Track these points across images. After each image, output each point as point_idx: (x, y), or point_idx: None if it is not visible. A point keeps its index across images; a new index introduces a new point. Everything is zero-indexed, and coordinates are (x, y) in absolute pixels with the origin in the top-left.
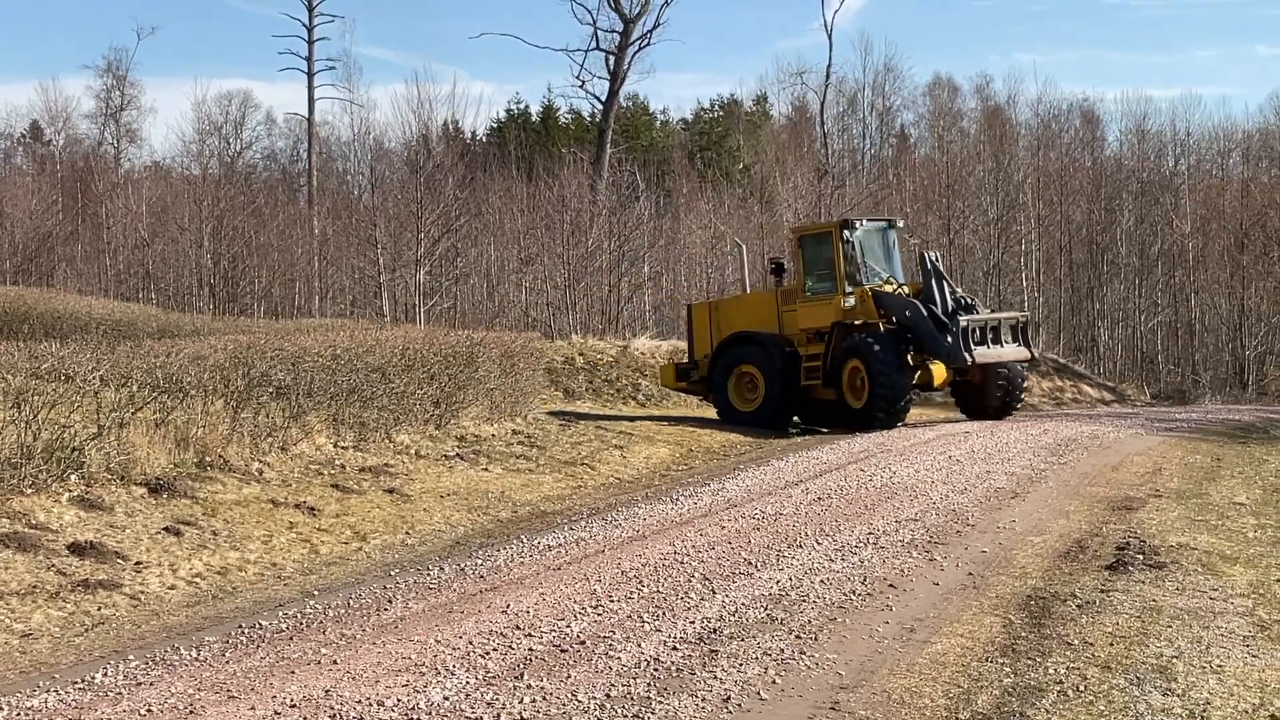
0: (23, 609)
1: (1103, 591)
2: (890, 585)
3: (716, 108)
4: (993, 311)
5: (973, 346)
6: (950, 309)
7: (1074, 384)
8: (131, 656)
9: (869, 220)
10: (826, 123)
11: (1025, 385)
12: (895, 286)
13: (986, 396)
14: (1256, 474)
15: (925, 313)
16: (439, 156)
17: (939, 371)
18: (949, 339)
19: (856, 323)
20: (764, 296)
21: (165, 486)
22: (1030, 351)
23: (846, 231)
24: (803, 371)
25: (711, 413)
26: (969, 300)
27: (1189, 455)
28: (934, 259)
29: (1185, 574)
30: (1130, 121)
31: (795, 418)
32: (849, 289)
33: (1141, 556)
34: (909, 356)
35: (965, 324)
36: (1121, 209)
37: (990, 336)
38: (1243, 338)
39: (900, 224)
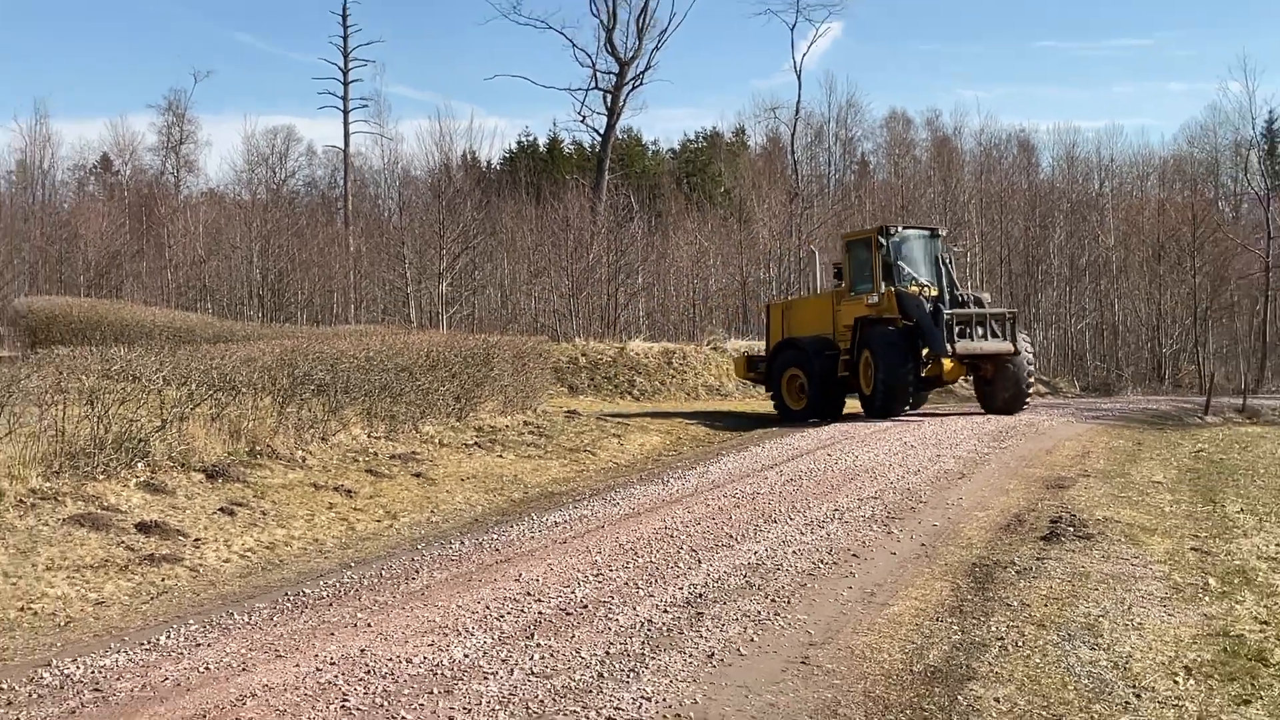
0: (96, 580)
1: (1038, 559)
2: (853, 555)
3: (700, 139)
4: (982, 308)
5: (955, 339)
6: (950, 306)
7: None
8: (191, 621)
9: (906, 227)
10: (796, 152)
11: (1031, 381)
12: (921, 288)
13: (997, 391)
14: (1172, 456)
15: (927, 310)
16: (458, 183)
17: (949, 366)
18: (939, 332)
19: (873, 318)
20: (824, 298)
21: (220, 472)
22: (1013, 345)
23: (881, 237)
24: (840, 364)
25: (697, 405)
26: (975, 298)
27: (1113, 440)
28: (947, 261)
29: (1110, 544)
30: (1061, 149)
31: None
32: (880, 289)
33: (1072, 529)
34: (922, 352)
35: (947, 318)
36: (1054, 225)
37: (976, 331)
38: (1160, 337)
39: (943, 233)
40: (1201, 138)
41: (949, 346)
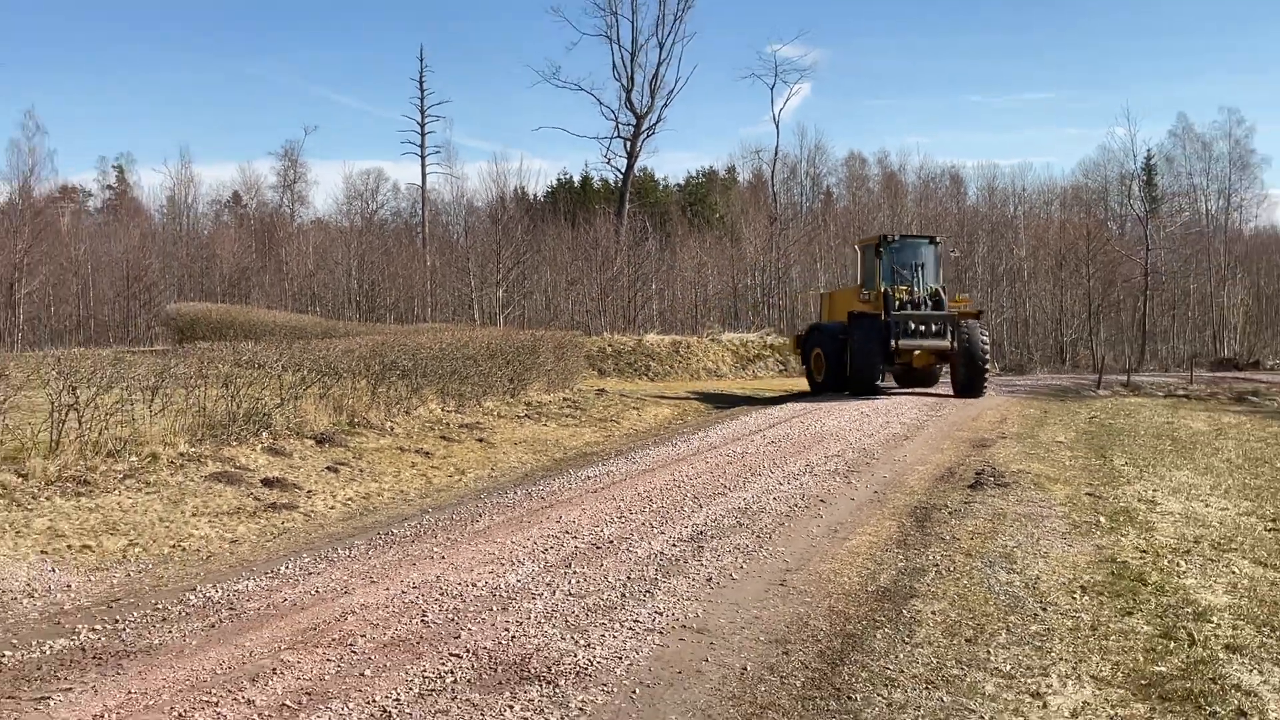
0: (230, 523)
1: (966, 503)
2: (821, 500)
3: (700, 175)
4: (940, 309)
5: (901, 337)
6: (915, 307)
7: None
8: (305, 555)
9: (904, 236)
10: (775, 185)
11: (986, 369)
12: (908, 290)
13: (957, 378)
14: (1071, 421)
15: (895, 308)
16: (511, 212)
17: (919, 356)
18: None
19: (861, 312)
20: (850, 291)
21: (327, 439)
22: (949, 343)
23: (881, 245)
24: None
25: (699, 385)
26: (939, 299)
27: (1025, 410)
28: (947, 263)
29: (1022, 490)
30: (984, 181)
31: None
32: (876, 289)
33: (993, 479)
34: (891, 343)
35: (896, 318)
36: (978, 242)
37: (921, 329)
38: (1062, 328)
39: (939, 240)
40: (1094, 171)
41: (893, 342)
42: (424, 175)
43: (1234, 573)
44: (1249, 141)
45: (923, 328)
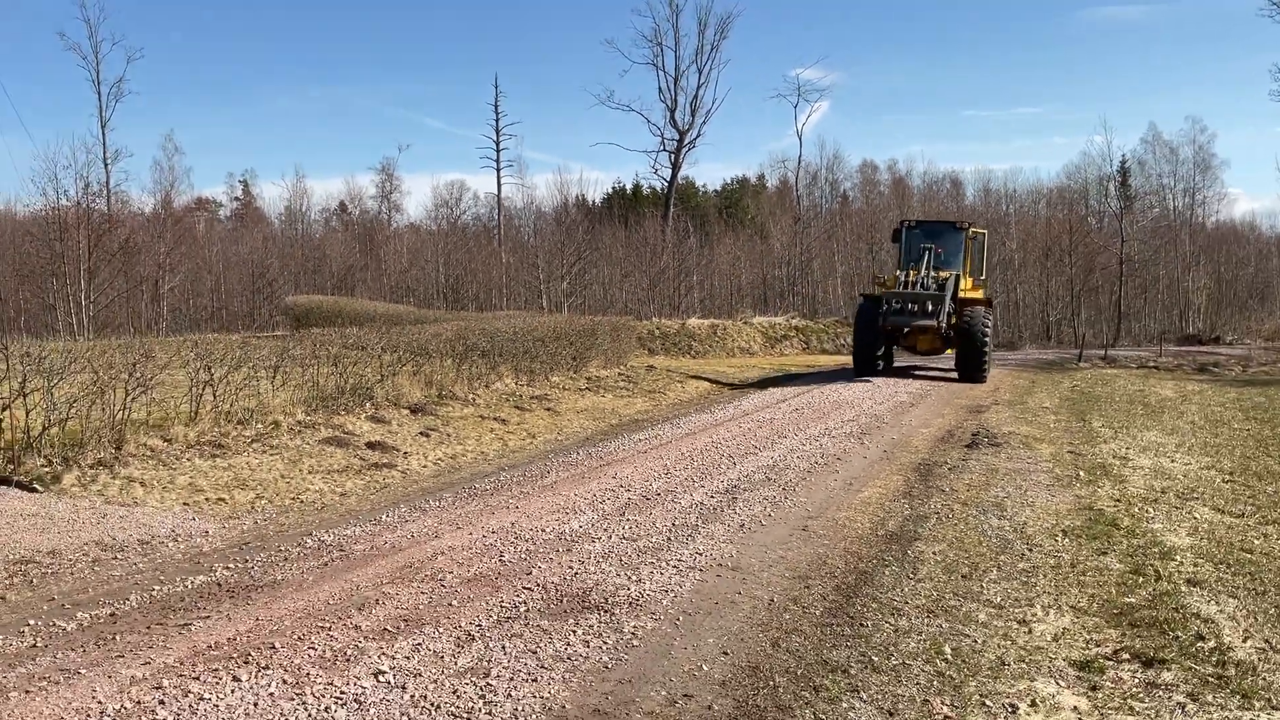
0: (340, 480)
1: (963, 460)
2: (837, 458)
3: (734, 183)
4: (920, 290)
5: (889, 316)
6: (921, 286)
7: None
8: (402, 506)
9: (923, 222)
10: (798, 190)
11: (985, 355)
12: (915, 273)
13: (959, 364)
14: (1056, 390)
15: (897, 289)
16: (573, 215)
17: (923, 340)
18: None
19: (873, 294)
20: (894, 278)
21: (419, 409)
22: (936, 322)
23: (904, 231)
24: None
25: (734, 361)
26: (939, 283)
27: (1016, 380)
28: (926, 250)
29: (1012, 449)
30: (980, 184)
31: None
32: (895, 273)
33: (986, 439)
34: (880, 321)
35: (885, 295)
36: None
37: (911, 308)
38: (1048, 310)
39: (967, 226)
40: (1076, 174)
41: (881, 320)
42: (499, 185)
43: (1195, 518)
44: (1211, 146)
45: (913, 307)
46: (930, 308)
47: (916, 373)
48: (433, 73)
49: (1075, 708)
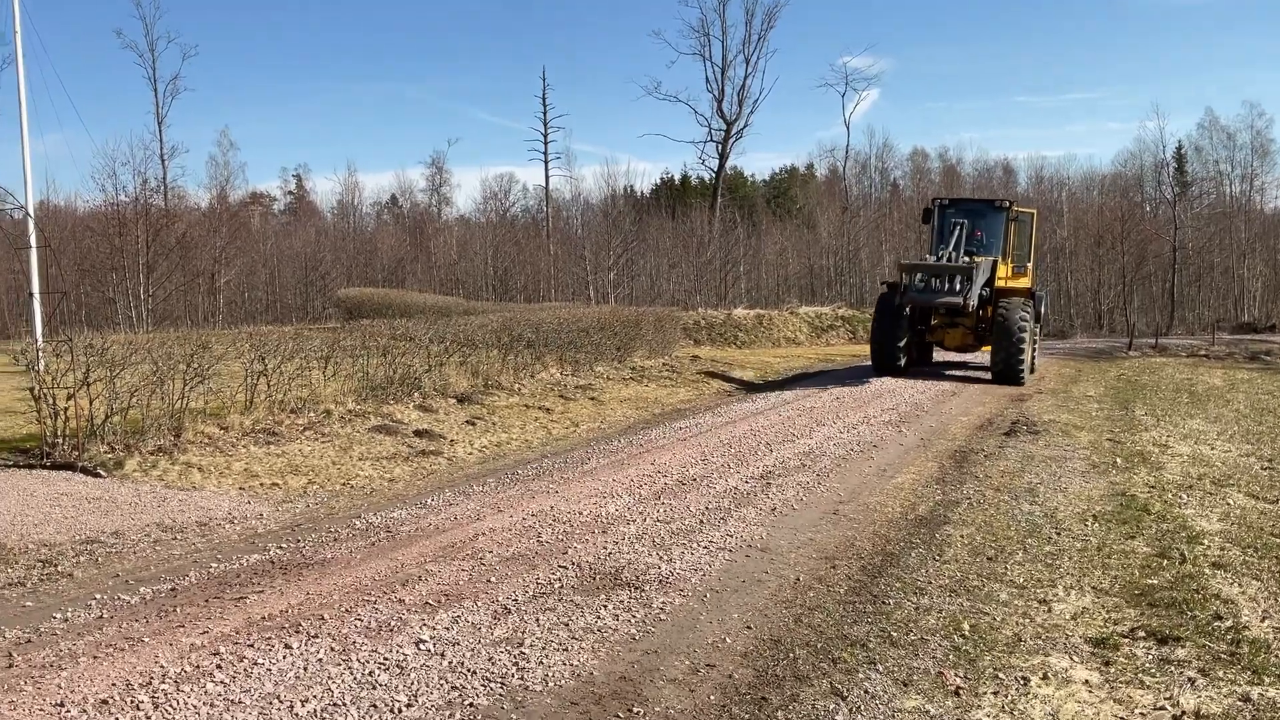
0: (390, 466)
1: (1000, 447)
2: (874, 445)
3: (783, 172)
4: (943, 262)
5: (909, 292)
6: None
7: None
8: (447, 490)
9: (955, 200)
10: (846, 179)
11: (1022, 353)
12: (946, 257)
13: (992, 362)
14: (1101, 379)
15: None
16: (621, 206)
17: (952, 335)
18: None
19: (887, 281)
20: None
21: (465, 398)
22: (961, 300)
23: (936, 210)
24: None
25: (778, 351)
26: (965, 263)
27: (1061, 369)
28: (957, 226)
29: (1051, 437)
30: (1032, 171)
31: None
32: (925, 256)
33: (1025, 427)
34: (896, 299)
35: (905, 267)
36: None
37: (935, 284)
38: (1100, 298)
39: (1007, 204)
40: (1130, 160)
41: (897, 297)
42: (546, 177)
43: (1229, 504)
44: (1269, 131)
45: (936, 282)
46: (958, 284)
47: (948, 373)
48: (481, 66)
49: (1086, 681)
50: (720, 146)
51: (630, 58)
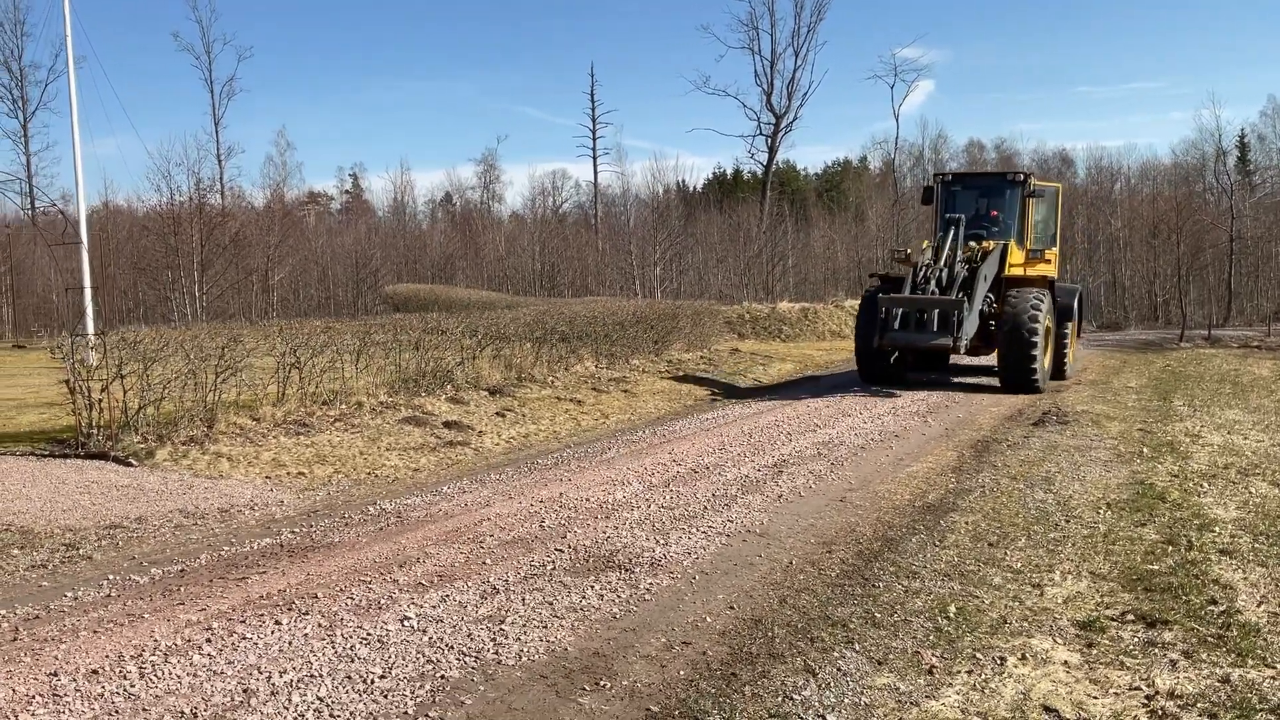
0: (416, 456)
1: (1025, 437)
2: (895, 435)
3: (834, 165)
4: (934, 292)
5: (886, 332)
6: (936, 281)
7: None
8: (464, 479)
9: (960, 175)
10: (895, 171)
11: (1034, 358)
12: (934, 249)
13: (999, 367)
14: (1146, 370)
15: (917, 274)
16: (670, 201)
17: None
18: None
19: (891, 276)
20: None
21: (497, 391)
22: (951, 342)
23: (938, 188)
24: None
25: (823, 345)
26: (963, 270)
27: (1107, 360)
28: (955, 221)
29: (1080, 427)
30: (1092, 161)
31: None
32: (923, 244)
33: (1055, 417)
34: (875, 339)
35: (883, 301)
36: (1077, 215)
37: (920, 319)
38: (1155, 289)
39: (1022, 177)
40: (1191, 149)
41: (875, 337)
42: (595, 173)
43: (1250, 493)
44: None
45: (920, 317)
46: (946, 321)
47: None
48: (530, 63)
49: (1065, 662)
50: (769, 140)
51: (679, 52)
